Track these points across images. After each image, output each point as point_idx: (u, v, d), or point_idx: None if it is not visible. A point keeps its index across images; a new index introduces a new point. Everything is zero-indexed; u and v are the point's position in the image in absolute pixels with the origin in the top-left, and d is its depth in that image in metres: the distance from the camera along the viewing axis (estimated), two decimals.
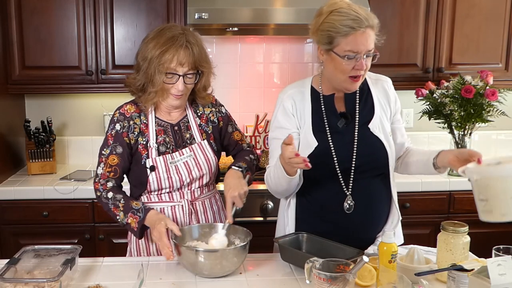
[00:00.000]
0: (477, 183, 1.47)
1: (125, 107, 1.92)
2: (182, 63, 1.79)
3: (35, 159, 2.99)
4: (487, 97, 2.83)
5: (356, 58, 1.69)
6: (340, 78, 1.75)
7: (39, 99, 3.24)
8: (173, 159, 1.89)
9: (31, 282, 1.50)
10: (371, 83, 1.90)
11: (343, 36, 1.67)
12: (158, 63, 1.77)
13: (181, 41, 1.79)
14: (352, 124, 1.83)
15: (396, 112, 1.92)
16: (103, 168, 1.89)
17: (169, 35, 1.80)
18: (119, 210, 1.83)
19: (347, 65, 1.71)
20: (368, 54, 1.71)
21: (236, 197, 1.78)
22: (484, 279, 1.34)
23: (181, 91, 1.83)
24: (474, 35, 3.07)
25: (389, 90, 1.91)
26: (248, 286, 1.63)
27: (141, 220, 1.79)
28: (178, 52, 1.77)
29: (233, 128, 2.06)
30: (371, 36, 1.71)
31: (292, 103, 1.85)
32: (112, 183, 1.89)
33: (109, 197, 1.86)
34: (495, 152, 3.54)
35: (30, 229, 2.76)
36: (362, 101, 1.86)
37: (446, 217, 2.81)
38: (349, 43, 1.68)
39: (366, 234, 1.86)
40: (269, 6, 2.79)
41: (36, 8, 2.86)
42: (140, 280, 1.56)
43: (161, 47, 1.78)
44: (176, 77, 1.80)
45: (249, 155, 1.99)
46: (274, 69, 3.39)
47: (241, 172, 1.88)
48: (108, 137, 1.89)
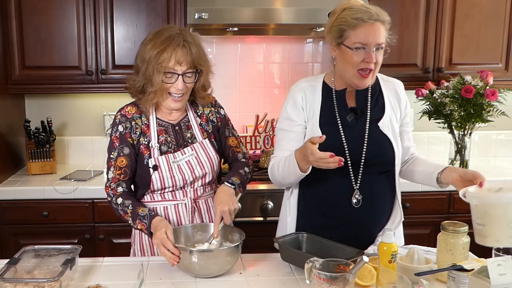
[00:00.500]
0: (476, 208, 1.49)
1: (126, 109, 1.92)
2: (180, 61, 1.79)
3: (35, 159, 2.99)
4: (487, 97, 2.83)
5: (365, 51, 1.72)
6: (350, 72, 1.78)
7: (39, 99, 3.24)
8: (175, 158, 1.89)
9: (31, 282, 1.50)
10: (383, 83, 1.92)
11: (353, 28, 1.73)
12: (156, 63, 1.78)
13: (178, 40, 1.79)
14: (363, 119, 1.85)
15: (405, 115, 1.95)
16: (113, 171, 1.89)
17: (166, 35, 1.81)
18: (128, 216, 1.84)
19: (357, 57, 1.74)
20: (378, 47, 1.74)
21: (226, 212, 1.76)
22: (484, 279, 1.34)
23: (181, 90, 1.83)
24: (474, 35, 3.07)
25: (400, 92, 1.94)
26: (248, 286, 1.63)
27: (147, 227, 1.79)
28: (176, 51, 1.78)
29: (230, 133, 2.04)
30: (381, 30, 1.74)
31: (302, 96, 1.88)
32: (123, 187, 1.89)
33: (118, 203, 1.86)
34: (495, 152, 3.55)
35: (30, 229, 2.76)
36: (374, 99, 1.88)
37: (446, 217, 2.80)
38: (358, 35, 1.72)
39: (367, 231, 1.87)
40: (269, 6, 2.79)
41: (36, 8, 2.86)
42: (140, 280, 1.56)
43: (159, 46, 1.78)
44: (175, 77, 1.81)
45: (244, 167, 1.96)
46: (274, 69, 3.39)
47: (234, 189, 1.86)
48: (114, 140, 1.90)
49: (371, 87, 1.88)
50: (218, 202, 1.80)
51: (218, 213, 1.77)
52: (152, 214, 1.81)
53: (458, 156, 3.00)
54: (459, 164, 2.99)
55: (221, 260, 1.66)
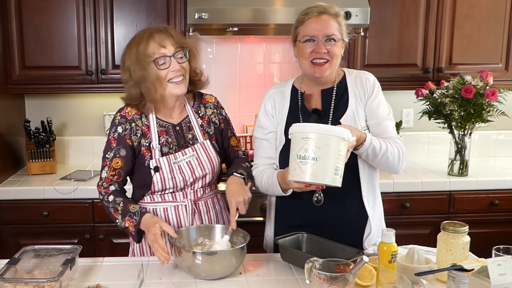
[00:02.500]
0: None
1: (126, 110, 1.92)
2: (163, 44, 1.80)
3: (35, 159, 2.99)
4: (487, 97, 2.83)
5: (314, 43, 1.80)
6: (305, 64, 1.84)
7: (39, 99, 3.24)
8: (176, 159, 1.89)
9: (31, 282, 1.50)
10: (350, 79, 1.92)
11: (302, 23, 1.83)
12: (142, 58, 1.79)
13: (151, 30, 1.83)
14: (325, 120, 1.87)
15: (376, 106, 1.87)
16: (107, 171, 1.88)
17: (137, 34, 1.85)
18: (118, 214, 1.82)
19: (307, 48, 1.81)
20: (328, 38, 1.80)
21: (241, 203, 1.78)
22: (484, 279, 1.34)
23: (179, 71, 1.82)
24: (474, 35, 3.07)
25: (367, 84, 1.89)
26: (248, 286, 1.63)
27: (137, 223, 1.78)
28: (154, 37, 1.80)
29: (231, 133, 2.06)
30: (329, 22, 1.81)
31: (272, 104, 1.96)
32: (115, 186, 1.88)
33: (109, 201, 1.85)
34: (495, 152, 3.55)
35: (30, 229, 2.76)
36: (338, 97, 1.90)
37: (446, 217, 2.81)
38: (305, 28, 1.82)
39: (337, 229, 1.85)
40: (269, 6, 2.79)
41: (36, 8, 2.87)
42: (140, 280, 1.56)
43: (136, 45, 1.81)
44: (167, 59, 1.80)
45: (245, 162, 1.99)
46: (274, 69, 3.39)
47: (243, 179, 1.88)
48: (111, 140, 1.89)
49: (337, 85, 1.90)
50: (232, 193, 1.80)
51: (233, 204, 1.78)
52: (143, 211, 1.81)
53: (458, 156, 3.00)
54: (459, 164, 2.99)
55: (225, 262, 1.65)
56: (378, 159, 1.78)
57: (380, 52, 3.05)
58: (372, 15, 2.84)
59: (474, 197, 2.91)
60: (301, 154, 1.57)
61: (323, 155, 1.55)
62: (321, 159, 1.55)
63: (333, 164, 1.56)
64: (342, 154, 1.58)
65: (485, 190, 2.92)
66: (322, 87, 1.91)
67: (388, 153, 1.78)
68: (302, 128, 1.60)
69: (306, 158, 1.56)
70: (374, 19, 2.94)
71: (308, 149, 1.56)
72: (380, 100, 1.89)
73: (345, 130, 1.59)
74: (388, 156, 1.78)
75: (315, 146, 1.55)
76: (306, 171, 1.56)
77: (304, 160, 1.56)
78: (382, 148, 1.76)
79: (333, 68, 1.84)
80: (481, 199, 2.92)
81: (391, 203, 2.77)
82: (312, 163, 1.55)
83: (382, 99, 1.90)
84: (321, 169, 1.55)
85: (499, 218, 2.94)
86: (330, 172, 1.56)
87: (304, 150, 1.56)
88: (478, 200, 2.92)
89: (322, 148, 1.55)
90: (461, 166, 2.99)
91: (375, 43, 3.03)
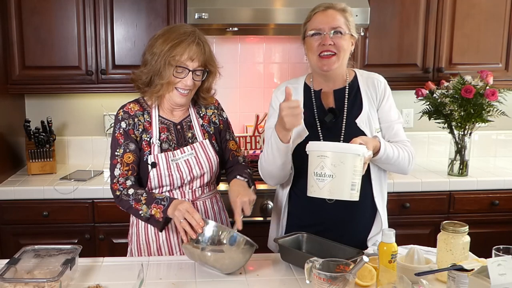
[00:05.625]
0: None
1: (129, 106, 1.93)
2: (192, 58, 1.81)
3: (35, 159, 2.99)
4: (487, 97, 2.83)
5: (321, 36, 1.82)
6: (314, 58, 1.86)
7: (39, 99, 3.24)
8: (175, 156, 1.89)
9: (31, 282, 1.49)
10: (361, 80, 1.93)
11: (309, 20, 1.87)
12: (169, 56, 1.79)
13: (193, 37, 1.83)
14: (340, 120, 1.87)
15: (388, 110, 1.90)
16: (120, 168, 1.86)
17: (180, 31, 1.84)
18: (141, 204, 1.80)
19: (314, 42, 1.83)
20: (335, 31, 1.81)
21: (246, 203, 1.78)
22: (484, 279, 1.34)
23: (189, 86, 1.84)
24: (474, 35, 3.07)
25: (378, 86, 1.92)
26: (248, 286, 1.63)
27: (165, 209, 1.76)
28: (190, 47, 1.81)
29: (230, 137, 2.06)
30: (335, 15, 1.83)
31: None
32: (131, 181, 1.86)
33: (130, 194, 1.83)
34: (495, 152, 3.55)
35: (30, 229, 2.76)
36: (351, 97, 1.90)
37: (446, 217, 2.81)
38: (312, 23, 1.85)
39: (348, 227, 1.87)
40: (269, 6, 2.79)
41: (36, 8, 2.87)
42: (140, 280, 1.56)
43: (173, 41, 1.80)
44: (186, 72, 1.82)
45: (247, 169, 1.99)
46: (274, 69, 3.39)
47: (246, 182, 1.89)
48: (118, 137, 1.89)
49: (349, 85, 1.91)
50: (236, 193, 1.81)
51: (238, 204, 1.78)
52: (171, 197, 1.81)
53: (458, 156, 3.00)
54: (459, 164, 2.99)
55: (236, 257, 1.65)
56: (390, 165, 1.84)
57: (380, 52, 3.05)
58: (372, 15, 2.85)
59: (474, 197, 2.91)
60: (318, 172, 1.60)
61: (339, 172, 1.58)
62: (337, 176, 1.58)
63: (349, 180, 1.58)
64: (358, 170, 1.60)
65: (485, 190, 2.92)
66: (334, 87, 1.91)
67: (400, 158, 1.83)
68: (318, 146, 1.63)
69: (323, 175, 1.59)
70: (374, 19, 2.94)
71: (324, 167, 1.59)
72: (391, 103, 1.93)
73: (360, 147, 1.60)
74: (400, 161, 1.83)
75: (331, 164, 1.58)
76: (324, 187, 1.60)
77: (321, 177, 1.60)
78: (394, 155, 1.81)
79: (340, 61, 1.84)
80: (481, 199, 2.92)
81: (391, 203, 2.76)
82: (329, 180, 1.58)
83: (393, 102, 1.93)
84: (338, 185, 1.58)
85: (499, 218, 2.94)
86: (347, 188, 1.59)
87: (320, 167, 1.60)
88: (478, 200, 2.92)
89: (337, 165, 1.58)
90: (461, 166, 2.99)
91: (375, 43, 3.03)
